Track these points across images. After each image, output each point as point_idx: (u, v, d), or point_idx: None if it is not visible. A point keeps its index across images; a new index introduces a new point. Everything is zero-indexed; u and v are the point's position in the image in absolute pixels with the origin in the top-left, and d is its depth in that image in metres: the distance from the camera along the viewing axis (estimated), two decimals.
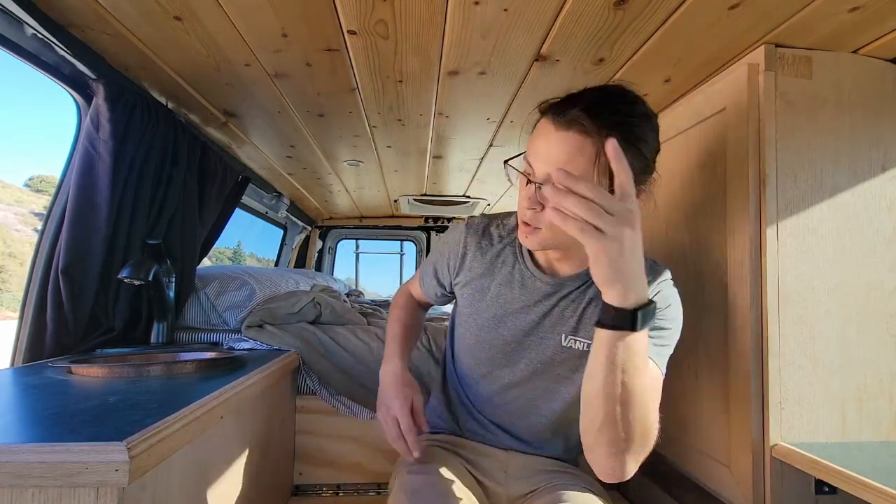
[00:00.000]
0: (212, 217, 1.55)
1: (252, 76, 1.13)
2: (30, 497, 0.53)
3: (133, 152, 1.14)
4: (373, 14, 0.87)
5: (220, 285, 1.44)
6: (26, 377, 0.88)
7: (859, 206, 0.89)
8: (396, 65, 1.07)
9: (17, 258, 36.21)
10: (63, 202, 1.10)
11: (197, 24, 0.92)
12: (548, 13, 0.86)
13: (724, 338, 0.95)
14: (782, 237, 0.88)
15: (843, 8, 0.80)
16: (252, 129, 1.52)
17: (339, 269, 3.50)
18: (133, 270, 1.11)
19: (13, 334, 1.10)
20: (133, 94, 1.12)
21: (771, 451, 0.85)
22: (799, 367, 0.86)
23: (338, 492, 1.37)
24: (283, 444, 1.27)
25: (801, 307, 0.87)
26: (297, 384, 1.37)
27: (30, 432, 0.59)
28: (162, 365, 0.93)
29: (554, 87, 1.18)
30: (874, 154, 0.90)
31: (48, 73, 1.03)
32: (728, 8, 0.83)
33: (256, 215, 2.49)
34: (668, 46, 0.96)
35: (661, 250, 1.19)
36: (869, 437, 0.87)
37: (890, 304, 0.89)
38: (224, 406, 0.79)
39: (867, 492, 0.65)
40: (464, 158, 1.84)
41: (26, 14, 0.85)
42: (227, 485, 0.89)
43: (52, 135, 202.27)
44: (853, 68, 0.91)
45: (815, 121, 0.89)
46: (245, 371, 0.96)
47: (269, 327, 1.35)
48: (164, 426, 0.61)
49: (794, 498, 0.85)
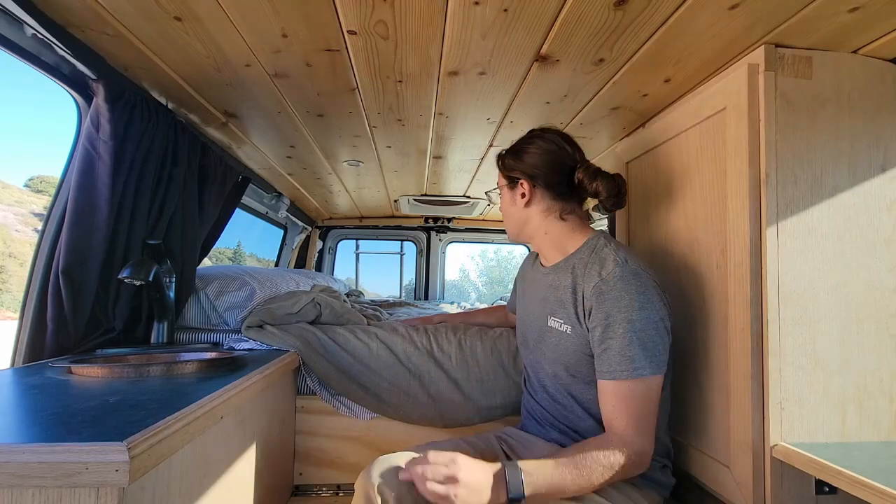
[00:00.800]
0: (212, 217, 1.55)
1: (252, 76, 1.13)
2: (30, 497, 0.53)
3: (133, 153, 1.14)
4: (373, 14, 0.87)
5: (220, 285, 1.44)
6: (26, 377, 0.88)
7: (859, 207, 0.89)
8: (396, 65, 1.07)
9: (17, 259, 36.25)
10: (63, 202, 1.10)
11: (197, 25, 0.92)
12: (548, 13, 0.86)
13: (724, 338, 0.95)
14: (782, 237, 0.88)
15: (843, 8, 0.80)
16: (252, 130, 1.52)
17: (339, 269, 3.50)
18: (133, 271, 1.11)
19: (13, 335, 1.10)
20: (133, 94, 1.12)
21: (771, 451, 0.85)
22: (799, 368, 0.86)
23: (338, 492, 1.37)
24: (283, 444, 1.27)
25: (800, 307, 0.87)
26: (297, 384, 1.38)
27: (30, 432, 0.59)
28: (162, 365, 0.93)
29: (554, 88, 1.18)
30: (874, 154, 0.90)
31: (48, 74, 1.03)
32: (728, 8, 0.83)
33: (256, 215, 2.49)
34: (669, 46, 0.96)
35: (661, 251, 1.19)
36: (869, 437, 0.87)
37: (890, 304, 0.89)
38: (224, 406, 0.79)
39: (867, 492, 0.65)
40: (464, 158, 1.84)
41: (26, 14, 0.85)
42: (228, 485, 0.89)
43: (52, 135, 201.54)
44: (853, 68, 0.91)
45: (815, 121, 0.89)
46: (245, 371, 0.96)
47: (269, 327, 1.35)
48: (165, 426, 0.61)
49: (794, 498, 0.85)
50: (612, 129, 1.46)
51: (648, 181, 1.27)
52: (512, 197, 1.07)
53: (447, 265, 3.54)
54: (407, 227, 3.35)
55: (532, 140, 1.05)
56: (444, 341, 1.39)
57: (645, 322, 0.86)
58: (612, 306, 0.87)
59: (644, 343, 0.85)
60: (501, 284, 23.82)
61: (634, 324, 0.86)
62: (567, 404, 1.00)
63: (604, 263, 0.92)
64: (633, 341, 0.85)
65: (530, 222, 1.06)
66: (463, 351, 1.37)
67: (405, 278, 3.56)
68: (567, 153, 1.03)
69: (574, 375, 0.97)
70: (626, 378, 0.85)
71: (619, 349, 0.86)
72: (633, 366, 0.85)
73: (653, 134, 1.23)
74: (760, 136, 0.89)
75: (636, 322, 0.86)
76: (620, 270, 0.89)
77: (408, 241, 3.48)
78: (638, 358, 0.85)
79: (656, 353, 0.86)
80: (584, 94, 1.21)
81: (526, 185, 1.03)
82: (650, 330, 0.86)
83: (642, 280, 0.89)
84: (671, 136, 1.14)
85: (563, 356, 0.97)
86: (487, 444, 1.03)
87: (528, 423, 1.12)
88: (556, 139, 1.04)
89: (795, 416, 0.86)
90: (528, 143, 1.05)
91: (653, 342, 0.86)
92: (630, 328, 0.85)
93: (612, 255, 0.93)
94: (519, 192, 1.04)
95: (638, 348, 0.85)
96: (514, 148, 1.07)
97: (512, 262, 22.76)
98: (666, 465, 0.98)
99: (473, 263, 27.65)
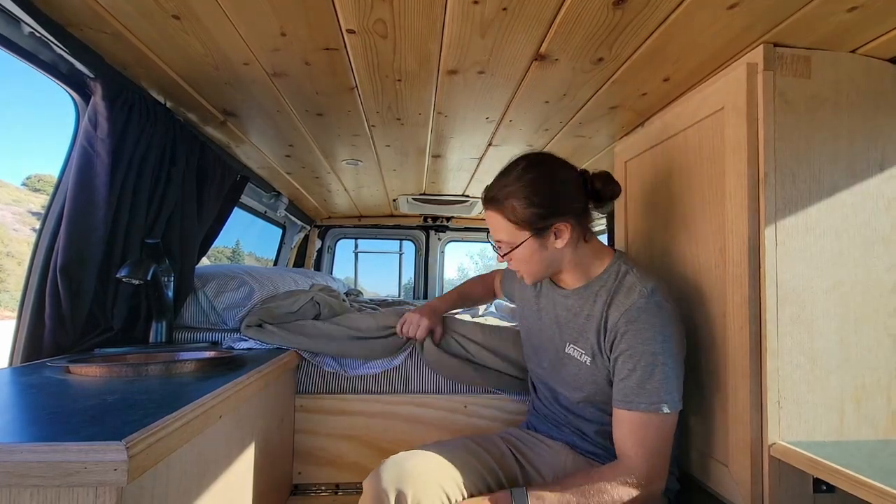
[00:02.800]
0: (210, 216, 1.55)
1: (251, 75, 1.13)
2: (28, 497, 0.53)
3: (131, 151, 1.13)
4: (372, 13, 0.87)
5: (218, 285, 1.44)
6: (24, 377, 0.87)
7: (857, 206, 0.89)
8: (395, 64, 1.07)
9: (15, 258, 36.12)
10: (61, 201, 1.10)
11: (195, 23, 0.92)
12: (547, 12, 0.86)
13: (722, 337, 0.96)
14: (780, 237, 0.88)
15: (842, 7, 0.80)
16: (251, 129, 1.52)
17: (338, 268, 3.50)
18: (132, 270, 1.11)
19: (11, 334, 1.10)
20: (131, 92, 1.11)
21: (769, 449, 0.85)
22: (797, 367, 0.87)
23: (337, 491, 1.37)
24: (282, 443, 1.27)
25: (799, 306, 0.87)
26: (296, 383, 1.37)
27: (28, 432, 0.58)
28: (160, 364, 0.93)
29: (553, 87, 1.18)
30: (872, 153, 0.91)
31: (46, 72, 1.03)
32: (727, 7, 0.83)
33: (255, 214, 2.49)
34: (667, 46, 0.96)
35: (660, 250, 1.19)
36: (867, 436, 0.87)
37: (888, 303, 0.89)
38: (223, 405, 0.79)
39: (865, 490, 0.65)
40: (463, 158, 1.84)
41: (24, 12, 0.85)
42: (226, 484, 0.89)
43: (49, 134, 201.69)
44: (852, 68, 0.91)
45: (814, 120, 0.90)
46: (244, 370, 0.96)
47: (268, 326, 1.35)
48: (163, 426, 0.61)
49: (792, 496, 0.85)
50: (611, 128, 1.46)
51: (647, 180, 1.27)
52: (541, 244, 0.92)
53: (446, 264, 3.54)
54: (406, 227, 3.34)
55: (544, 177, 0.92)
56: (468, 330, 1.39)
57: (666, 356, 0.85)
58: (634, 338, 0.86)
59: (666, 377, 0.84)
60: None
61: (657, 357, 0.85)
62: (581, 415, 1.00)
63: (629, 293, 0.90)
64: (654, 375, 0.84)
65: (563, 259, 0.96)
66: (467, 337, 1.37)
67: (404, 277, 3.56)
68: (568, 168, 0.96)
69: (592, 402, 0.97)
70: (644, 410, 0.85)
71: (638, 381, 0.85)
72: (650, 399, 0.84)
73: (651, 133, 1.23)
74: (759, 135, 0.89)
75: (658, 356, 0.85)
76: (646, 302, 0.88)
77: (407, 241, 3.48)
78: (658, 392, 0.84)
79: (675, 388, 0.86)
80: (583, 93, 1.21)
81: (562, 225, 0.91)
82: (671, 364, 0.85)
83: (666, 313, 0.88)
84: (670, 136, 1.15)
85: (584, 385, 0.97)
86: (494, 446, 1.03)
87: (534, 421, 1.12)
88: (548, 159, 0.96)
89: (793, 414, 0.86)
90: (542, 182, 0.91)
91: (675, 377, 0.86)
92: (653, 361, 0.85)
93: (638, 286, 0.90)
94: (551, 235, 0.92)
95: (659, 382, 0.84)
96: (537, 193, 0.90)
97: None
98: (672, 471, 0.99)
99: (472, 262, 27.67)
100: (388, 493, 0.81)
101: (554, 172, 0.94)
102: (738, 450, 0.90)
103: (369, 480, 0.86)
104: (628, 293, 0.90)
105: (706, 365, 1.01)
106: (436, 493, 0.83)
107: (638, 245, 1.31)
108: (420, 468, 0.86)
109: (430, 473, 0.85)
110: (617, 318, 0.89)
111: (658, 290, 0.90)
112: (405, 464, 0.86)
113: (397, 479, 0.83)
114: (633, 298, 0.89)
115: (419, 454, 0.90)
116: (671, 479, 0.98)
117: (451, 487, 0.85)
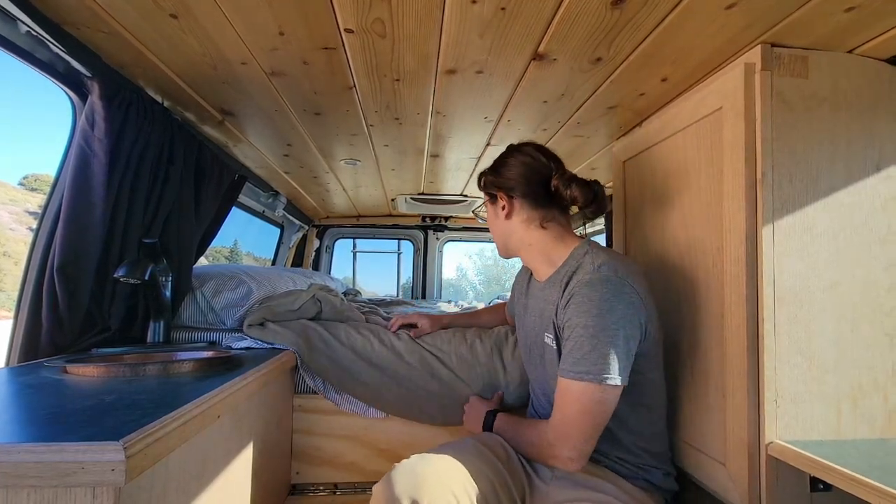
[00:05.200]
0: (208, 216, 1.55)
1: (249, 75, 1.13)
2: (25, 497, 0.53)
3: (129, 151, 1.13)
4: (370, 12, 0.87)
5: (216, 284, 1.43)
6: (21, 377, 0.87)
7: (855, 206, 0.90)
8: (394, 63, 1.07)
9: (11, 257, 36.02)
10: (58, 201, 1.10)
11: (193, 22, 0.92)
12: (545, 12, 0.86)
13: (720, 336, 0.96)
14: (778, 236, 0.88)
15: (840, 8, 0.81)
16: (249, 128, 1.51)
17: (336, 268, 3.49)
18: (129, 269, 1.11)
19: (8, 334, 1.10)
20: (129, 92, 1.11)
21: (766, 448, 0.86)
22: (794, 366, 0.87)
23: (335, 491, 1.37)
24: (280, 443, 1.27)
25: (796, 306, 0.88)
26: (294, 383, 1.37)
27: (25, 432, 0.58)
28: (158, 364, 0.93)
29: (551, 86, 1.18)
30: (869, 153, 0.91)
31: (43, 71, 1.02)
32: (725, 7, 0.83)
33: (253, 214, 2.48)
34: (665, 45, 0.97)
35: (658, 249, 1.20)
36: (863, 435, 0.87)
37: (885, 302, 0.90)
38: (221, 405, 0.79)
39: (861, 489, 0.65)
40: (461, 157, 1.84)
41: (20, 11, 0.85)
42: (225, 484, 0.89)
43: (46, 133, 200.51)
44: (849, 68, 0.92)
45: (811, 120, 0.90)
46: (242, 370, 0.96)
47: (270, 324, 1.35)
48: (161, 426, 0.61)
49: (789, 495, 0.86)
50: (609, 127, 1.46)
51: (645, 180, 1.27)
52: (494, 212, 1.09)
53: (444, 264, 3.54)
54: (404, 226, 3.34)
55: (508, 154, 1.08)
56: (445, 343, 1.39)
57: (599, 329, 0.85)
58: (573, 311, 0.89)
59: (594, 349, 0.85)
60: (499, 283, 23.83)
61: (588, 329, 0.86)
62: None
63: (581, 271, 0.94)
64: (582, 345, 0.86)
65: (514, 234, 1.07)
66: (464, 349, 1.37)
67: (403, 277, 3.56)
68: (542, 162, 1.04)
69: None
70: (564, 377, 0.88)
71: (569, 350, 0.88)
72: (575, 369, 0.86)
73: (649, 133, 1.24)
74: (757, 135, 0.90)
75: (591, 328, 0.86)
76: (589, 277, 0.90)
77: (405, 240, 3.48)
78: (583, 363, 0.85)
79: (603, 362, 0.84)
80: (581, 92, 1.21)
81: (504, 197, 1.05)
82: (603, 337, 0.85)
83: (610, 286, 0.88)
84: (668, 136, 1.15)
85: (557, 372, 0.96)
86: (501, 448, 1.02)
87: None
88: (531, 151, 1.06)
89: (790, 413, 0.86)
90: (504, 158, 1.09)
91: (609, 352, 0.85)
92: (583, 333, 0.86)
93: (588, 263, 0.94)
94: (499, 205, 1.06)
95: (585, 353, 0.85)
96: (493, 165, 1.11)
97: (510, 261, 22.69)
98: (669, 472, 1.00)
99: (471, 262, 27.68)
100: (401, 501, 0.79)
101: (523, 156, 1.06)
102: (735, 449, 0.91)
103: (381, 486, 0.84)
104: (581, 272, 0.94)
105: (703, 364, 1.01)
106: (447, 501, 0.82)
107: (635, 245, 1.32)
108: (433, 475, 0.84)
109: (442, 480, 0.84)
110: (568, 297, 0.92)
111: (608, 266, 0.91)
112: (418, 470, 0.84)
113: (412, 488, 0.81)
114: (579, 275, 0.92)
115: (430, 459, 0.88)
116: (669, 480, 0.99)
117: (462, 493, 0.84)
